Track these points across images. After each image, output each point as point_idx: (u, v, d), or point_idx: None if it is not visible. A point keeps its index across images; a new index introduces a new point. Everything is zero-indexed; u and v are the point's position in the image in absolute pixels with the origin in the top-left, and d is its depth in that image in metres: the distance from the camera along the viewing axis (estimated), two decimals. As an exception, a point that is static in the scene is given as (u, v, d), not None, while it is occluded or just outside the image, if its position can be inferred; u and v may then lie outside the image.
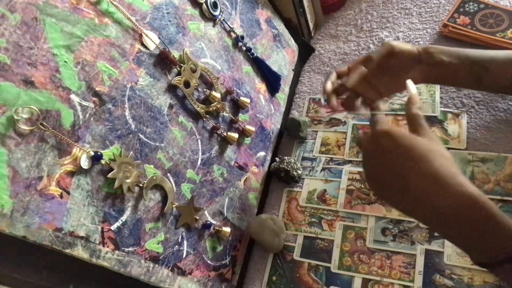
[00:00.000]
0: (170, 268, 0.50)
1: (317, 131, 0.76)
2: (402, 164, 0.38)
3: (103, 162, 0.40)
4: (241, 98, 0.63)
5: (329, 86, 0.55)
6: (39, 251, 0.36)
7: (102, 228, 0.41)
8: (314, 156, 0.73)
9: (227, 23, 0.61)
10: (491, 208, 0.35)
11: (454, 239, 0.38)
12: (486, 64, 0.53)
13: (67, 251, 0.37)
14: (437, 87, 0.70)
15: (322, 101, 0.56)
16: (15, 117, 0.33)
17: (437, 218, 0.37)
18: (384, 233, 0.60)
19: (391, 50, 0.53)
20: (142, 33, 0.45)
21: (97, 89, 0.40)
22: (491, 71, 0.53)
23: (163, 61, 0.49)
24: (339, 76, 0.56)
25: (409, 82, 0.47)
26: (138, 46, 0.45)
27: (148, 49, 0.47)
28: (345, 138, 0.72)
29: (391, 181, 0.39)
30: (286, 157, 0.71)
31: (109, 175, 0.41)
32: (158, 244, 0.48)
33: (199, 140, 0.55)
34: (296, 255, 0.64)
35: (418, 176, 0.37)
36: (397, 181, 0.39)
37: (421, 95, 0.70)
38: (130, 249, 0.44)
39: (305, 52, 0.88)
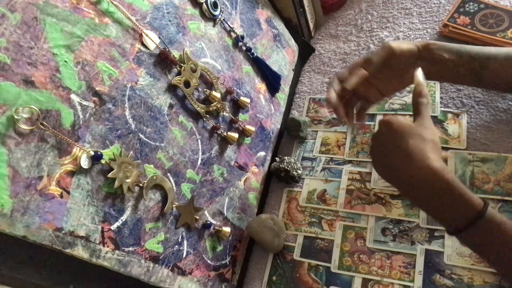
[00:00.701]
0: (170, 268, 0.50)
1: (317, 131, 0.76)
2: (392, 146, 0.45)
3: (103, 162, 0.40)
4: (241, 98, 0.63)
5: (333, 96, 0.54)
6: (39, 251, 0.36)
7: (102, 228, 0.41)
8: (314, 156, 0.73)
9: (227, 23, 0.61)
10: (452, 181, 0.41)
11: (428, 210, 0.45)
12: (486, 61, 0.53)
13: (67, 251, 0.37)
14: (437, 87, 0.70)
15: (327, 113, 0.58)
16: (15, 117, 0.33)
17: (411, 190, 0.44)
18: (384, 233, 0.60)
19: (392, 53, 0.52)
20: (142, 33, 0.45)
21: (97, 89, 0.40)
22: (491, 68, 0.53)
23: (163, 61, 0.49)
24: (341, 81, 0.55)
25: (419, 72, 0.49)
26: (138, 45, 0.45)
27: (148, 49, 0.47)
28: (345, 138, 0.72)
29: (386, 161, 0.46)
30: (286, 157, 0.71)
31: (109, 175, 0.41)
32: (158, 244, 0.48)
33: (199, 140, 0.55)
34: (296, 255, 0.64)
35: (396, 153, 0.44)
36: (388, 161, 0.45)
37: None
38: (130, 249, 0.44)
39: (305, 52, 0.88)
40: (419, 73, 0.49)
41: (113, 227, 0.42)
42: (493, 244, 0.41)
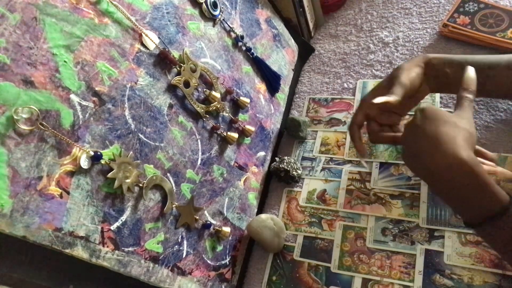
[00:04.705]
0: (170, 268, 0.50)
1: (317, 131, 0.76)
2: (422, 132, 0.43)
3: (103, 162, 0.40)
4: (241, 98, 0.63)
5: (363, 149, 0.57)
6: (39, 251, 0.36)
7: (102, 228, 0.41)
8: (314, 156, 0.73)
9: (227, 23, 0.61)
10: (478, 172, 0.39)
11: (448, 200, 0.44)
12: (488, 72, 0.53)
13: (67, 251, 0.37)
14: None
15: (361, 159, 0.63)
16: (15, 117, 0.33)
17: (433, 178, 0.43)
18: (384, 233, 0.60)
19: (407, 90, 0.52)
20: (142, 33, 0.45)
21: (96, 89, 0.40)
22: (493, 78, 0.53)
23: (163, 61, 0.49)
24: (359, 126, 0.56)
25: (471, 70, 0.48)
26: (138, 46, 0.45)
27: (148, 49, 0.47)
28: (345, 138, 0.72)
29: (415, 149, 0.44)
30: (286, 157, 0.71)
31: (109, 175, 0.41)
32: (158, 244, 0.48)
33: (199, 140, 0.55)
34: (296, 255, 0.64)
35: (425, 139, 0.42)
36: (416, 148, 0.44)
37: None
38: (130, 249, 0.44)
39: (305, 52, 0.88)
40: (470, 70, 0.48)
41: (113, 227, 0.42)
42: None
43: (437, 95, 0.69)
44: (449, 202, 0.45)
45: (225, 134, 0.60)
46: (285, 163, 0.70)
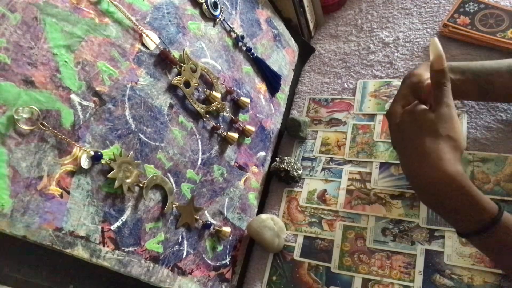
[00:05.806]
0: (170, 268, 0.50)
1: (317, 131, 0.76)
2: (410, 143, 0.44)
3: (103, 162, 0.40)
4: (241, 98, 0.63)
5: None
6: (39, 251, 0.36)
7: (102, 228, 0.41)
8: (314, 156, 0.73)
9: (227, 23, 0.61)
10: (466, 186, 0.40)
11: (440, 214, 0.45)
12: (490, 77, 0.53)
13: (67, 251, 0.37)
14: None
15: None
16: (15, 117, 0.33)
17: (424, 192, 0.43)
18: (384, 233, 0.60)
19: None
20: (143, 33, 0.45)
21: (97, 89, 0.40)
22: (496, 83, 0.53)
23: (163, 61, 0.49)
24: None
25: (436, 41, 0.43)
26: (138, 46, 0.45)
27: (149, 49, 0.47)
28: (345, 138, 0.72)
29: (406, 155, 0.45)
30: (286, 157, 0.71)
31: (109, 175, 0.41)
32: (158, 244, 0.48)
33: (199, 140, 0.55)
34: (296, 255, 0.64)
35: (413, 152, 0.43)
36: (407, 158, 0.45)
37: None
38: (130, 249, 0.44)
39: (305, 52, 0.88)
40: (437, 43, 0.42)
41: (113, 227, 0.42)
42: (508, 249, 0.40)
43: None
44: (439, 214, 0.45)
45: (225, 134, 0.60)
46: (285, 163, 0.70)
